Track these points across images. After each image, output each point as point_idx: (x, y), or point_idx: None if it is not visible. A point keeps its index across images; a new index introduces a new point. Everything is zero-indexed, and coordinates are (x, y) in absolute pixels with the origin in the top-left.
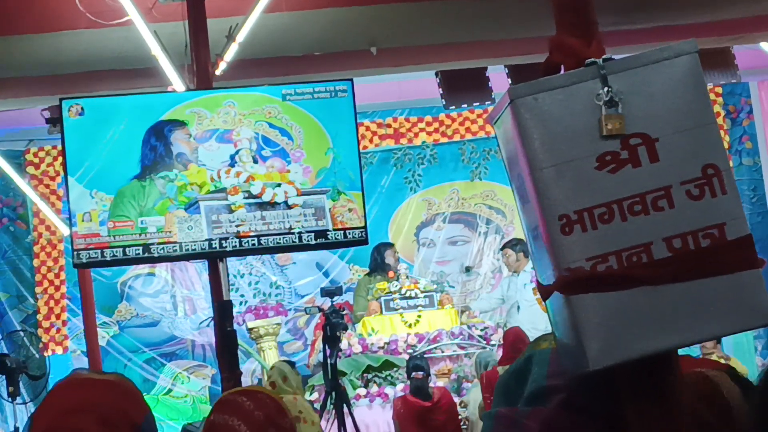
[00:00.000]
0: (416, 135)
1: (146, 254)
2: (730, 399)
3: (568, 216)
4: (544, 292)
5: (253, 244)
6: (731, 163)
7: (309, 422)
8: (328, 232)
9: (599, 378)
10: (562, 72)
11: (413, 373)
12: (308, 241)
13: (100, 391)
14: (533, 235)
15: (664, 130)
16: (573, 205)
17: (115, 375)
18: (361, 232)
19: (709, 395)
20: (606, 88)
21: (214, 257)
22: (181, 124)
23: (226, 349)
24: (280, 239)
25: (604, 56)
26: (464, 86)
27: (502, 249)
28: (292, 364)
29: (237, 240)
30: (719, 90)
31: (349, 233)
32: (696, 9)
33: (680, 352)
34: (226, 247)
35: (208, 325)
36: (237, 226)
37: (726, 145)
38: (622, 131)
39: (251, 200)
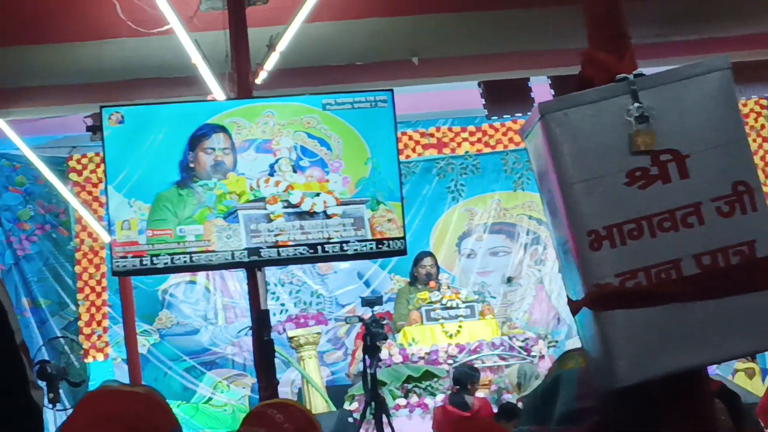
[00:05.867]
0: (459, 145)
1: (184, 263)
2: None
3: (598, 232)
4: (574, 307)
5: (292, 254)
6: None
7: None
8: (367, 243)
9: (630, 398)
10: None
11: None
12: (347, 251)
13: (128, 402)
14: (563, 250)
15: (695, 147)
16: (602, 221)
17: (144, 387)
18: (400, 242)
19: None
20: (636, 104)
21: (252, 267)
22: (221, 132)
23: (264, 359)
24: (318, 249)
25: (635, 72)
26: (507, 97)
27: None
28: None
29: (275, 249)
30: (764, 102)
31: (388, 243)
32: (740, 21)
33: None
34: (264, 256)
35: (246, 334)
36: (276, 235)
37: None
38: (653, 147)
39: (290, 209)
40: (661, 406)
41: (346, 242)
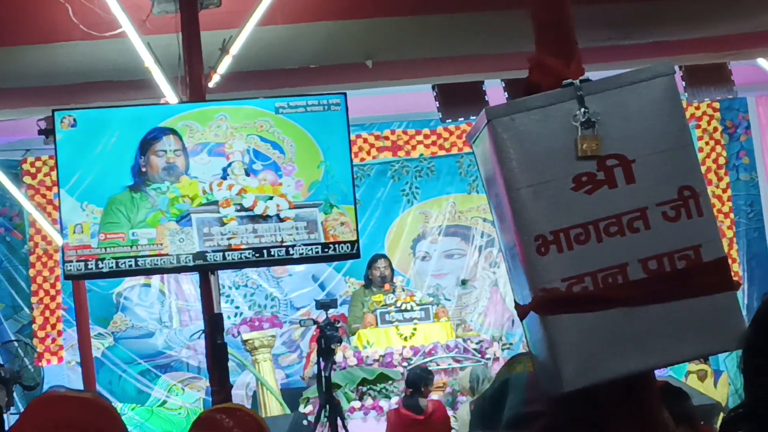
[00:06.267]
0: (414, 147)
1: (137, 267)
2: None
3: (544, 236)
4: (521, 311)
5: (245, 257)
6: (728, 179)
7: None
8: (319, 246)
9: (578, 402)
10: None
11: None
12: (300, 254)
13: (76, 409)
14: (511, 255)
15: (641, 152)
16: (549, 226)
17: (91, 393)
18: (353, 245)
19: None
20: (582, 109)
21: (205, 270)
22: (171, 135)
23: (217, 363)
24: (271, 252)
25: (581, 77)
26: (461, 100)
27: None
28: None
29: (228, 253)
30: (717, 105)
31: (341, 247)
32: (693, 24)
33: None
34: (217, 260)
35: (199, 338)
36: (228, 238)
37: (723, 161)
38: (599, 152)
39: (243, 213)
40: (607, 409)
41: (299, 245)
